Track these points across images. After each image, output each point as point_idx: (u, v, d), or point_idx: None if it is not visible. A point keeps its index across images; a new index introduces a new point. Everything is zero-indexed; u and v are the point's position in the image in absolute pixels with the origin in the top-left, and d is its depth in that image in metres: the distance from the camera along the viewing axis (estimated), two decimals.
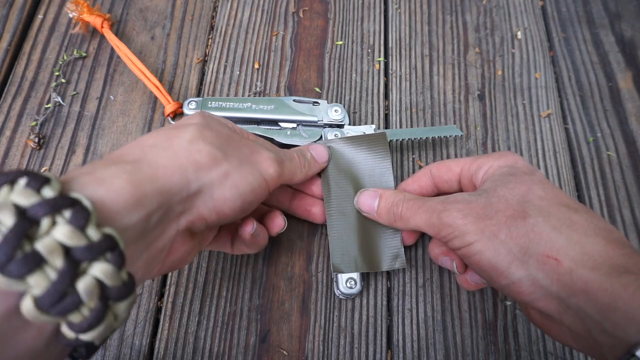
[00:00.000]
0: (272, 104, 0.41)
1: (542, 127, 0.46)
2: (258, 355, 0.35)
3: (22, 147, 0.41)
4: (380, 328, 0.37)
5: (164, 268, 0.27)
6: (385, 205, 0.34)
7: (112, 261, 0.19)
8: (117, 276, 0.19)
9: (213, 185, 0.26)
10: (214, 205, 0.26)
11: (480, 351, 0.36)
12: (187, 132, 0.27)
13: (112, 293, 0.19)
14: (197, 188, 0.25)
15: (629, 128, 0.46)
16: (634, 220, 0.42)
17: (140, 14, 0.49)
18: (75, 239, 0.18)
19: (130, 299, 0.20)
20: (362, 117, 0.45)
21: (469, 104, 0.46)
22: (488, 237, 0.27)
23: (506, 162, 0.31)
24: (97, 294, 0.18)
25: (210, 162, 0.26)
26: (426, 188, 0.36)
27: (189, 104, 0.41)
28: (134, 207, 0.21)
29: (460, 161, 0.34)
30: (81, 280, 0.18)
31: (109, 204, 0.20)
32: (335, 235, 0.36)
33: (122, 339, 0.35)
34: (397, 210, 0.33)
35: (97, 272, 0.18)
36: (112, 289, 0.19)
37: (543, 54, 0.50)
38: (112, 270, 0.19)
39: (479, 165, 0.32)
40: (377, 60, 0.48)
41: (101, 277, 0.18)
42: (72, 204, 0.18)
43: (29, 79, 0.44)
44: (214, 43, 0.47)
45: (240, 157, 0.28)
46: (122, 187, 0.21)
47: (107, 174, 0.21)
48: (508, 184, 0.29)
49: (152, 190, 0.22)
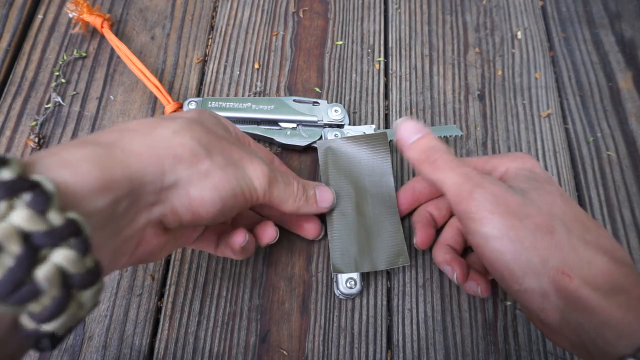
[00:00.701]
0: (272, 104, 0.41)
1: (542, 127, 0.46)
2: (258, 355, 0.35)
3: (22, 147, 0.41)
4: (380, 328, 0.37)
5: (132, 259, 0.25)
6: (423, 144, 0.31)
7: (75, 247, 0.18)
8: (80, 263, 0.18)
9: (190, 181, 0.24)
10: (190, 204, 0.25)
11: (480, 351, 0.36)
12: (175, 123, 0.26)
13: (75, 281, 0.18)
14: (172, 181, 0.24)
15: (629, 128, 0.46)
16: (634, 220, 0.42)
17: (140, 14, 0.49)
18: (34, 223, 0.17)
19: (96, 286, 0.19)
20: (362, 117, 0.45)
21: (469, 104, 0.46)
22: (511, 239, 0.26)
23: (524, 165, 0.30)
24: (58, 282, 0.17)
25: (190, 157, 0.24)
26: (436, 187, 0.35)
27: (189, 104, 0.41)
28: (100, 192, 0.20)
29: (472, 160, 0.33)
30: (41, 267, 0.17)
31: (74, 187, 0.19)
32: (335, 235, 0.36)
33: (122, 339, 0.35)
34: (433, 155, 0.30)
35: (58, 258, 0.17)
36: (76, 276, 0.18)
37: (543, 54, 0.50)
38: (75, 256, 0.18)
39: (494, 166, 0.32)
40: (377, 60, 0.48)
41: (63, 264, 0.17)
42: (32, 187, 0.17)
43: (29, 79, 0.44)
44: (214, 43, 0.47)
45: (227, 158, 0.27)
46: (89, 171, 0.20)
47: (75, 157, 0.20)
48: (537, 189, 0.28)
49: (121, 176, 0.21)
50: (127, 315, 0.36)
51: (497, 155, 0.32)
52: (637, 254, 0.41)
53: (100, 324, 0.35)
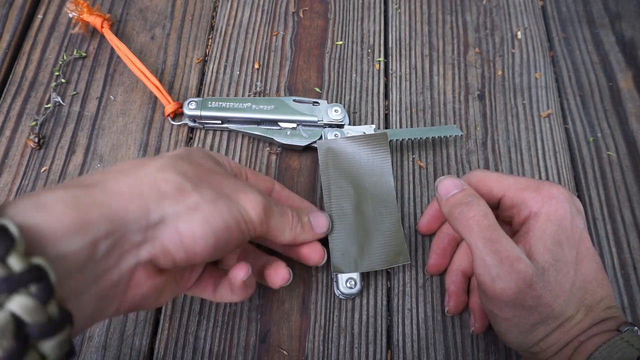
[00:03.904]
0: (272, 104, 0.41)
1: (542, 127, 0.46)
2: (258, 355, 0.35)
3: (22, 147, 0.41)
4: (380, 328, 0.37)
5: (125, 305, 0.24)
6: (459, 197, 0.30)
7: (35, 294, 0.17)
8: (40, 311, 0.17)
9: (178, 217, 0.23)
10: (182, 241, 0.24)
11: (480, 351, 0.36)
12: (160, 160, 0.25)
13: (33, 331, 0.17)
14: (158, 218, 0.23)
15: (629, 128, 0.46)
16: (634, 220, 0.42)
17: (140, 14, 0.49)
18: None
19: (61, 336, 0.18)
20: (362, 117, 0.45)
21: (469, 104, 0.46)
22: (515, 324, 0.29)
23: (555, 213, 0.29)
24: (11, 332, 0.16)
25: (175, 193, 0.24)
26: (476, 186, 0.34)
27: (189, 104, 0.41)
28: (75, 234, 0.20)
29: (503, 183, 0.31)
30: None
31: (46, 230, 0.19)
32: (335, 235, 0.36)
33: (122, 339, 0.35)
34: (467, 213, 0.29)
35: (14, 306, 0.16)
36: (34, 326, 0.17)
37: (543, 54, 0.50)
38: (33, 304, 0.17)
39: (524, 201, 0.30)
40: (377, 60, 0.48)
41: (19, 313, 0.16)
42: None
43: (29, 78, 0.44)
44: (214, 43, 0.47)
45: (218, 191, 0.26)
46: (64, 212, 0.20)
47: (51, 199, 0.20)
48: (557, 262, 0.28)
49: (99, 217, 0.21)
50: (127, 315, 0.36)
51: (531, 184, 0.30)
52: (637, 254, 0.41)
53: (100, 324, 0.35)
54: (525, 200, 0.30)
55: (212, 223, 0.24)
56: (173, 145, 0.42)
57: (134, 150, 0.42)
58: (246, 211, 0.27)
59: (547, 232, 0.28)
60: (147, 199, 0.23)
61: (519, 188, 0.30)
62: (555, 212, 0.29)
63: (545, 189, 0.30)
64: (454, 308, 0.36)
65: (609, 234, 0.41)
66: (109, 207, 0.22)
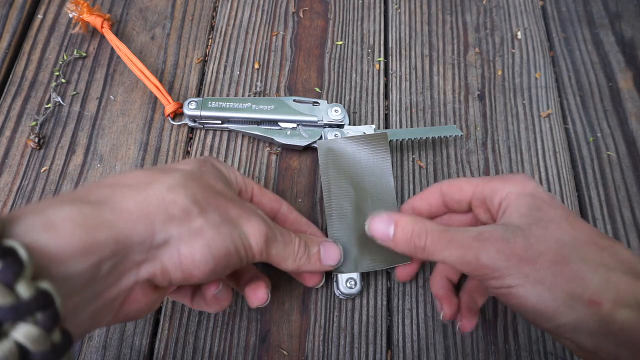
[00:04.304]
0: (272, 104, 0.41)
1: (542, 127, 0.46)
2: (258, 355, 0.35)
3: (22, 147, 0.41)
4: (380, 328, 0.37)
5: (117, 318, 0.24)
6: (404, 234, 0.30)
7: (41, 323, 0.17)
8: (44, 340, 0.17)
9: (181, 239, 0.24)
10: (181, 263, 0.24)
11: (480, 351, 0.36)
12: (171, 177, 0.25)
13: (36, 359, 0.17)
14: (163, 240, 0.23)
15: (629, 128, 0.46)
16: (634, 220, 0.42)
17: (140, 14, 0.49)
18: None
19: None
20: (362, 117, 0.45)
21: (469, 104, 0.46)
22: (532, 283, 0.26)
23: (524, 189, 0.30)
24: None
25: (181, 216, 0.24)
26: (436, 207, 0.35)
27: (189, 104, 0.41)
28: (82, 255, 0.20)
29: (472, 181, 0.33)
30: None
31: (54, 251, 0.19)
32: (335, 235, 0.36)
33: (122, 339, 0.35)
34: (420, 243, 0.29)
35: (19, 336, 0.16)
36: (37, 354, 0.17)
37: (543, 54, 0.50)
38: (38, 334, 0.17)
39: (494, 189, 0.31)
40: (377, 60, 0.48)
41: (24, 342, 0.16)
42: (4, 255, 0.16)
43: (29, 78, 0.44)
44: (214, 43, 0.47)
45: (223, 215, 0.26)
46: (72, 232, 0.19)
47: (59, 216, 0.20)
48: (539, 222, 0.28)
49: (106, 238, 0.21)
50: None
51: (497, 177, 0.32)
52: (637, 254, 0.41)
53: None
54: (494, 189, 0.31)
55: (213, 249, 0.25)
56: (173, 145, 0.42)
57: (134, 150, 0.42)
58: (247, 239, 0.27)
59: (521, 203, 0.29)
60: (154, 220, 0.23)
61: (486, 182, 0.31)
62: (524, 188, 0.30)
63: (510, 176, 0.31)
64: (449, 311, 0.34)
65: (609, 234, 0.41)
66: (117, 228, 0.21)
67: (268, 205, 0.34)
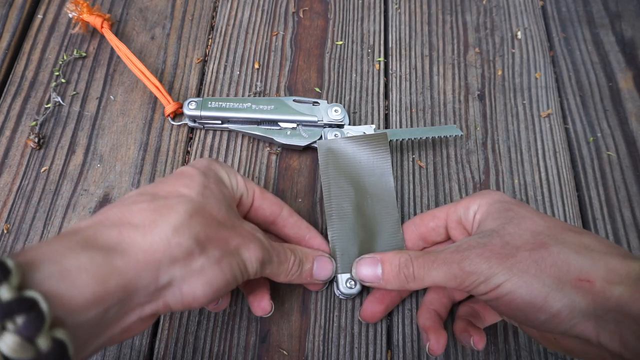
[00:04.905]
0: (272, 104, 0.41)
1: (542, 127, 0.46)
2: (258, 355, 0.35)
3: (22, 147, 0.41)
4: (380, 328, 0.37)
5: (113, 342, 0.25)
6: (392, 269, 0.31)
7: None
8: None
9: (183, 279, 0.25)
10: (183, 299, 0.25)
11: (480, 351, 0.36)
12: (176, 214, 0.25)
13: None
14: (166, 281, 0.24)
15: (629, 128, 0.46)
16: (634, 220, 0.42)
17: (140, 14, 0.49)
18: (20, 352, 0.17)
19: None
20: (362, 117, 0.45)
21: (469, 104, 0.46)
22: (518, 274, 0.26)
23: (492, 198, 0.32)
24: None
25: (185, 257, 0.25)
26: (412, 241, 0.36)
27: (189, 104, 0.41)
28: (93, 304, 0.21)
29: (443, 208, 0.35)
30: None
31: (68, 301, 0.19)
32: (335, 235, 0.36)
33: None
34: (409, 271, 0.30)
35: None
36: None
37: (543, 54, 0.50)
38: None
39: (466, 206, 0.33)
40: (377, 60, 0.48)
41: None
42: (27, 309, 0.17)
43: (29, 78, 0.44)
44: (214, 43, 0.47)
45: (224, 249, 0.27)
46: (86, 283, 0.20)
47: (75, 266, 0.21)
48: (512, 220, 0.29)
49: (115, 286, 0.22)
50: None
51: (465, 197, 0.34)
52: (637, 254, 0.41)
53: None
54: (466, 206, 0.33)
55: (213, 284, 0.26)
56: (173, 145, 0.42)
57: (134, 150, 0.42)
58: (244, 263, 0.28)
59: (491, 210, 0.31)
60: (160, 266, 0.24)
61: (457, 203, 0.34)
62: (492, 197, 0.32)
63: (478, 193, 0.33)
64: (436, 343, 0.32)
65: (609, 234, 0.41)
66: (125, 276, 0.22)
67: (268, 209, 0.34)
